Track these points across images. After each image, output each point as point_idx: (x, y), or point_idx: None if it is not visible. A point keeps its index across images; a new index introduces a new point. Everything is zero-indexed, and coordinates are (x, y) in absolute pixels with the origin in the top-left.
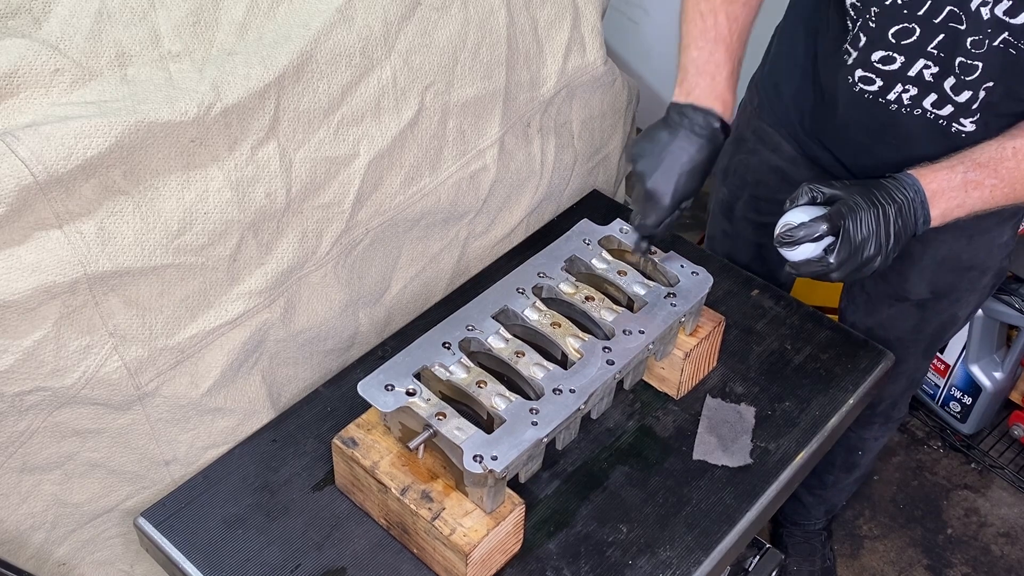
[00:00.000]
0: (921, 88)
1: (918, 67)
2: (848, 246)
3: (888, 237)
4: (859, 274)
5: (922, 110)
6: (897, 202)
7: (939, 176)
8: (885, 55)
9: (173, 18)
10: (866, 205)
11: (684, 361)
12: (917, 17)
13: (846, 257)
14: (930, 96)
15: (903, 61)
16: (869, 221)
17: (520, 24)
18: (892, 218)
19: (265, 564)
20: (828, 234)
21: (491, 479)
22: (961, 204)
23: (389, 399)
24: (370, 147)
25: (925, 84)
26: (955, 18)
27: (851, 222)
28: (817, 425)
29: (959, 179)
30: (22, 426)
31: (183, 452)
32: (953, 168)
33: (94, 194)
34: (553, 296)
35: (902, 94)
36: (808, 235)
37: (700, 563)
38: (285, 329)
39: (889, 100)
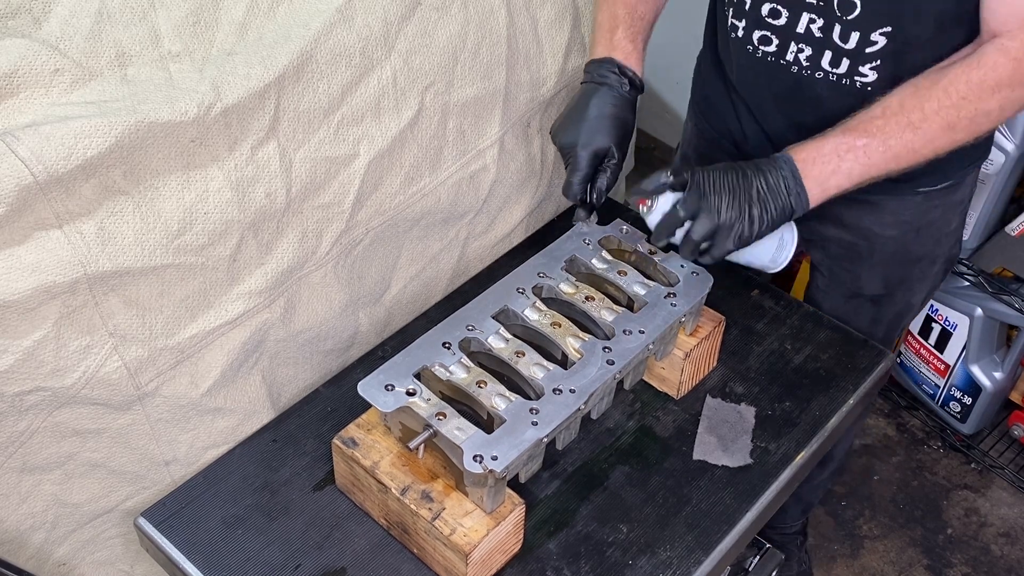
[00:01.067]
0: (814, 47)
1: (804, 22)
2: (696, 196)
3: (751, 201)
4: (725, 241)
5: (823, 72)
6: (762, 170)
7: (807, 146)
8: (771, 7)
9: (173, 18)
10: (723, 170)
11: (684, 361)
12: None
13: (695, 208)
14: (825, 54)
15: (788, 15)
16: (725, 180)
17: (520, 24)
18: (755, 183)
19: (265, 564)
20: (675, 186)
21: (491, 479)
22: (836, 170)
23: (389, 399)
24: (370, 147)
25: (816, 41)
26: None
27: (700, 176)
28: (817, 425)
29: (829, 146)
30: (22, 426)
31: (183, 452)
32: (824, 136)
33: (94, 194)
34: (553, 296)
35: (798, 54)
36: (653, 183)
37: (700, 563)
38: (285, 329)
39: (789, 61)
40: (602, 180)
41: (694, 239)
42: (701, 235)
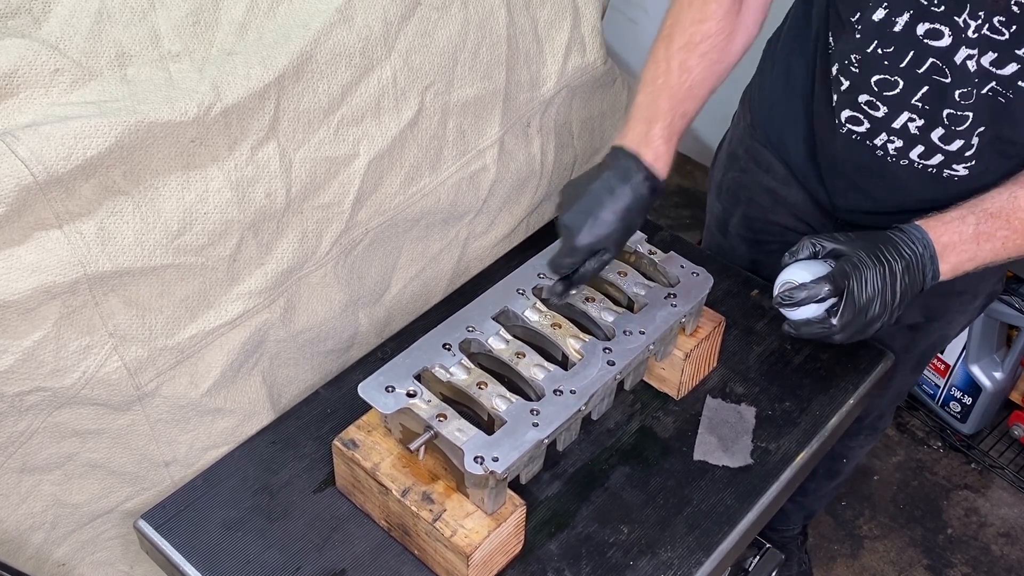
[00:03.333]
0: (907, 140)
1: (902, 119)
2: (852, 308)
3: (894, 296)
4: (862, 335)
5: (909, 160)
6: (905, 258)
7: (950, 228)
8: (869, 100)
9: (173, 18)
10: (872, 263)
11: (684, 362)
12: (899, 69)
13: (850, 319)
14: (916, 148)
15: (887, 111)
16: (875, 280)
17: (520, 24)
18: (899, 275)
19: (265, 566)
20: (831, 295)
21: (492, 480)
22: (972, 258)
23: (389, 400)
24: (370, 147)
25: (911, 136)
26: (938, 71)
27: (856, 283)
28: (817, 425)
29: (971, 231)
30: (22, 426)
31: (183, 453)
32: (964, 219)
33: (94, 194)
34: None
35: (887, 144)
36: (811, 297)
37: (701, 564)
38: (285, 329)
39: (876, 145)
40: (589, 267)
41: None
42: (843, 340)
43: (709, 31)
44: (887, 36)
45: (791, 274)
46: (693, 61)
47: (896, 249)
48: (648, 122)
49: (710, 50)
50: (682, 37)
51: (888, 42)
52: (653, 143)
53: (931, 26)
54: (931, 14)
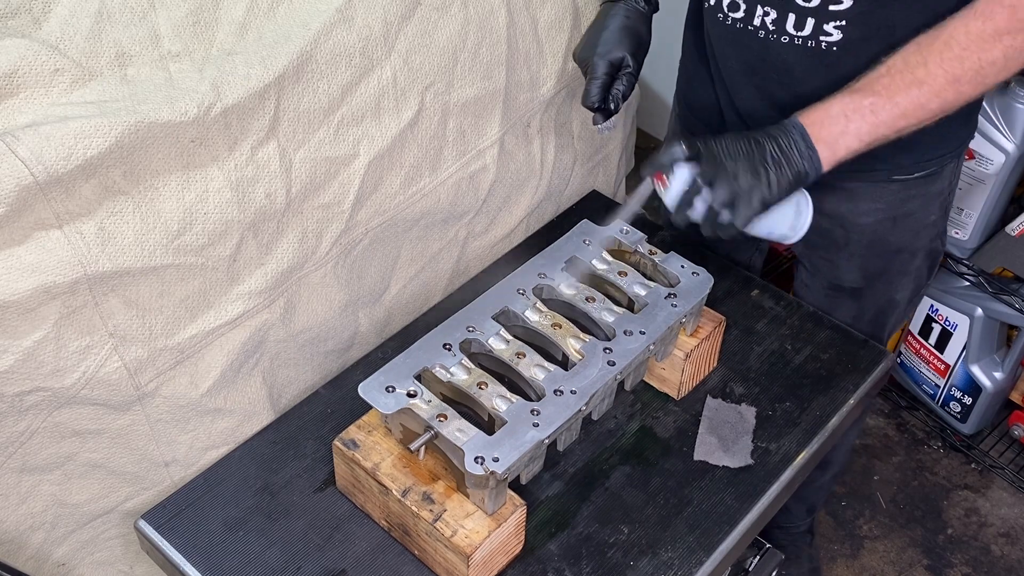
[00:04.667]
0: (779, 8)
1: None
2: (713, 164)
3: (766, 165)
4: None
5: (788, 36)
6: (773, 136)
7: (814, 109)
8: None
9: (173, 18)
10: (732, 137)
11: (685, 362)
12: None
13: (712, 175)
14: (789, 17)
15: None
16: (737, 146)
17: (520, 24)
18: (767, 147)
19: (266, 566)
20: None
21: (492, 481)
22: (844, 131)
23: (390, 401)
24: (370, 147)
25: (780, 2)
26: None
27: (714, 144)
28: (818, 425)
29: (836, 108)
30: (22, 426)
31: (183, 453)
32: (830, 99)
33: (94, 194)
34: (553, 297)
35: (764, 18)
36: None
37: (702, 564)
38: (285, 329)
39: (756, 27)
40: (619, 86)
41: (715, 207)
42: (721, 202)
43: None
44: None
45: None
46: None
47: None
48: None
49: None
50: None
51: None
52: None
53: None
54: None
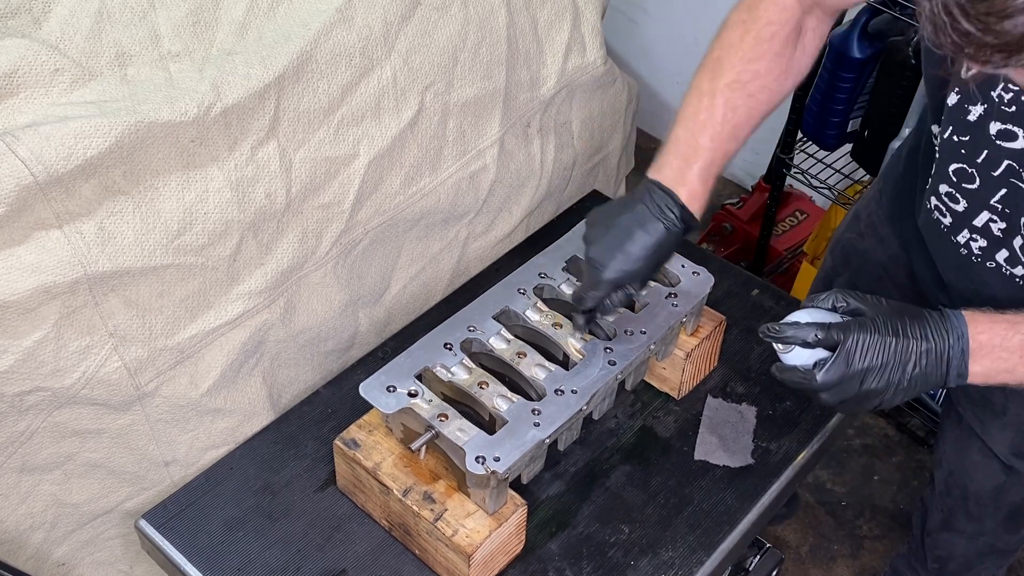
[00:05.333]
0: (991, 241)
1: (983, 218)
2: (841, 369)
3: (902, 377)
4: (856, 406)
5: (995, 263)
6: (929, 342)
7: (995, 328)
8: (949, 191)
9: (173, 18)
10: (883, 331)
11: (685, 361)
12: (976, 164)
13: (836, 381)
14: (1001, 251)
15: (967, 206)
16: (879, 350)
17: (520, 24)
18: (915, 358)
19: (266, 566)
20: (822, 344)
21: (493, 480)
22: (1011, 370)
23: (391, 400)
24: (370, 147)
25: (994, 238)
26: (1015, 174)
27: (853, 344)
28: (818, 425)
29: (1018, 341)
30: (22, 426)
31: (183, 453)
32: (1015, 325)
33: (94, 194)
34: (554, 296)
35: (971, 242)
36: (794, 337)
37: (702, 563)
38: (285, 329)
39: (959, 243)
40: (613, 301)
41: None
42: (832, 403)
43: (759, 71)
44: (961, 124)
45: (797, 315)
46: (740, 100)
47: (921, 328)
48: (686, 159)
49: (759, 91)
50: (730, 74)
51: (963, 130)
52: (689, 182)
53: (1003, 126)
54: (1003, 113)
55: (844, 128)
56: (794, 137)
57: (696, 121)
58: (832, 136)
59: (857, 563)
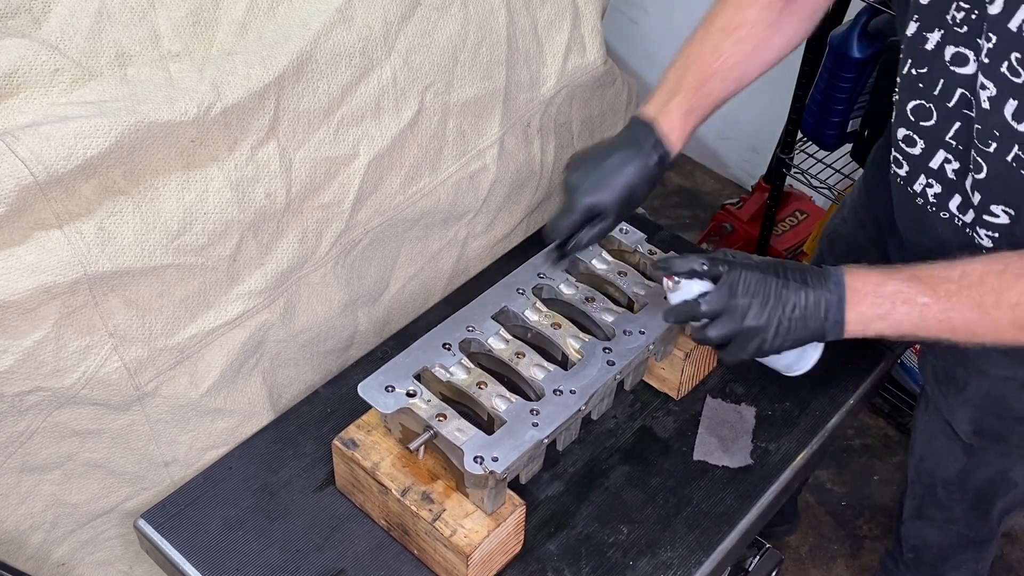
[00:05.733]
0: (945, 186)
1: (939, 159)
2: (724, 298)
3: (782, 315)
4: (740, 347)
5: (949, 213)
6: (807, 286)
7: (869, 276)
8: (907, 134)
9: (173, 18)
10: (764, 270)
11: (684, 362)
12: (932, 96)
13: (719, 309)
14: (954, 197)
15: (923, 147)
16: (760, 285)
17: (520, 24)
18: (793, 298)
19: (265, 565)
20: (707, 275)
21: (492, 480)
22: (884, 315)
23: (389, 400)
24: (370, 147)
25: (948, 182)
26: (967, 104)
27: (736, 275)
28: (817, 425)
29: (889, 288)
30: (22, 426)
31: (183, 453)
32: (889, 274)
33: (94, 194)
34: (553, 297)
35: (927, 188)
36: (682, 264)
37: (701, 563)
38: (285, 329)
39: (915, 192)
40: (586, 235)
41: (708, 337)
42: (716, 337)
43: (748, 18)
44: (919, 54)
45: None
46: (727, 44)
47: (800, 274)
48: (670, 93)
49: (747, 37)
50: (722, 19)
51: (921, 61)
52: (671, 114)
53: (956, 50)
54: (956, 36)
55: (844, 128)
56: (794, 137)
57: (684, 62)
58: (832, 136)
59: (857, 563)
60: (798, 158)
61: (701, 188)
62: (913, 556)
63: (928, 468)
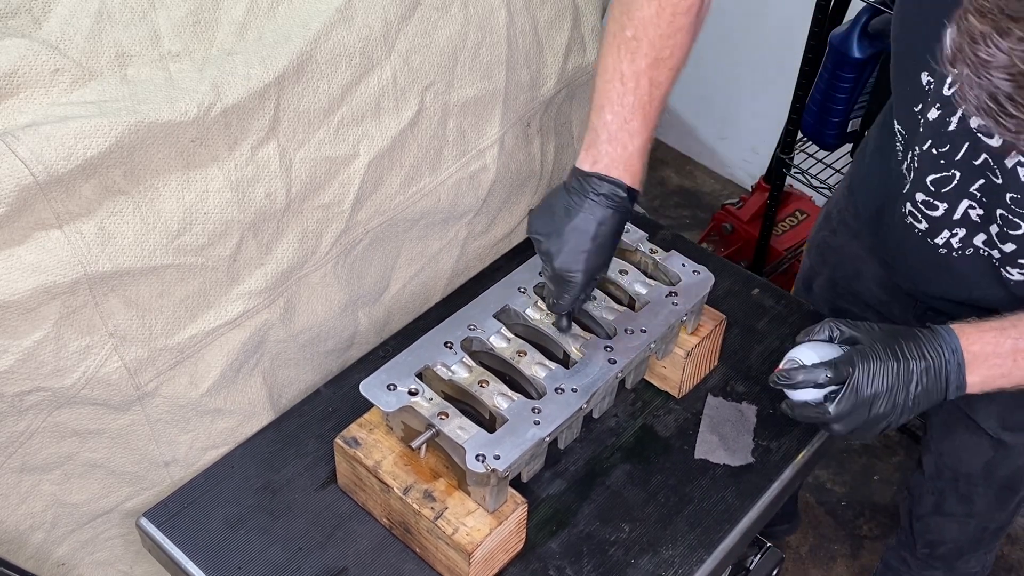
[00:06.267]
0: (970, 228)
1: (962, 208)
2: (852, 400)
3: (907, 397)
4: (866, 432)
5: (974, 248)
6: (927, 360)
7: (985, 338)
8: (926, 200)
9: (173, 18)
10: (884, 357)
11: (686, 360)
12: (954, 163)
13: (848, 411)
14: (979, 235)
15: (946, 208)
16: (884, 376)
17: (520, 24)
18: (916, 377)
19: (268, 564)
20: (832, 382)
21: (494, 478)
22: (1006, 375)
23: (391, 399)
24: (370, 147)
25: (973, 224)
26: (991, 169)
27: (860, 374)
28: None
29: (1008, 345)
30: (22, 426)
31: (183, 453)
32: (1003, 331)
33: (94, 194)
34: None
35: (951, 238)
36: (807, 380)
37: (703, 562)
38: (285, 329)
39: (937, 244)
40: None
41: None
42: (842, 433)
43: (678, 43)
44: (941, 136)
45: (799, 353)
46: (663, 76)
47: (918, 348)
48: (624, 145)
49: (678, 62)
50: (651, 52)
51: (943, 141)
52: (631, 165)
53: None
54: None
55: (844, 128)
56: (794, 137)
57: (624, 104)
58: (832, 136)
59: (857, 563)
60: (798, 158)
61: (701, 188)
62: (927, 551)
63: (949, 463)
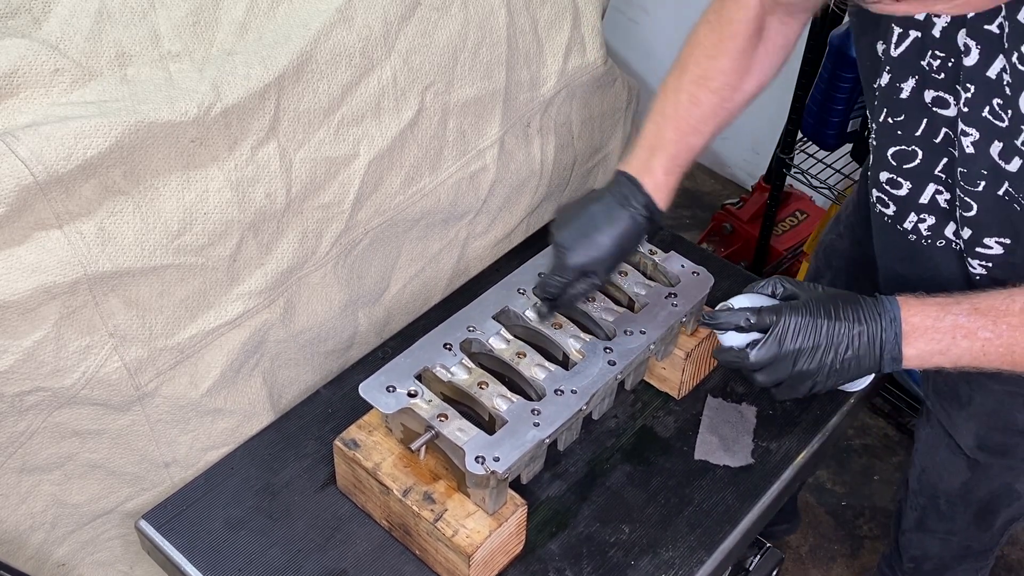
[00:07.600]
0: (939, 216)
1: (928, 193)
2: (775, 350)
3: (834, 358)
4: (791, 389)
5: (945, 240)
6: (861, 325)
7: (926, 311)
8: (890, 178)
9: (173, 18)
10: (815, 314)
11: (685, 361)
12: (914, 138)
13: (768, 360)
14: (949, 225)
15: (911, 187)
16: (811, 332)
17: (520, 24)
18: (847, 341)
19: (267, 566)
20: (755, 328)
21: (493, 480)
22: (944, 351)
23: (391, 400)
24: (370, 147)
25: (942, 211)
26: (951, 143)
27: (785, 325)
28: (818, 424)
29: (949, 321)
30: (22, 426)
31: (183, 453)
32: (945, 307)
33: (94, 194)
34: None
35: (919, 224)
36: (728, 321)
37: (703, 563)
38: (285, 330)
39: (906, 229)
40: (576, 289)
41: (758, 382)
42: (766, 383)
43: (723, 67)
44: (895, 104)
45: (735, 300)
46: (703, 95)
47: (854, 311)
48: (651, 150)
49: (721, 87)
50: (695, 70)
51: (897, 110)
52: (655, 172)
53: (936, 93)
54: (935, 81)
55: (844, 128)
56: (794, 137)
57: (663, 116)
58: (832, 136)
59: (857, 563)
60: (798, 158)
61: (701, 188)
62: (912, 566)
63: (930, 480)
